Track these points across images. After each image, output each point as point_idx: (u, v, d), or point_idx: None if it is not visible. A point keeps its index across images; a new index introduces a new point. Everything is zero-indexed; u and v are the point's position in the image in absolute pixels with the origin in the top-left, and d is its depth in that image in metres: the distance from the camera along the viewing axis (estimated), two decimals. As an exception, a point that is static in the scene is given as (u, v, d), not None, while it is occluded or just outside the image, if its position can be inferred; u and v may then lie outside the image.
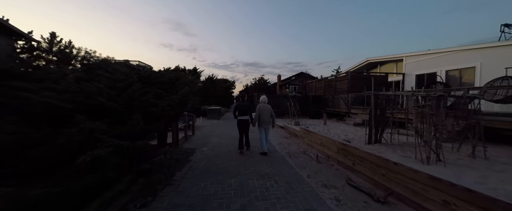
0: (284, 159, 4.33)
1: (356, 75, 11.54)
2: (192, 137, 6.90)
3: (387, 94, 5.52)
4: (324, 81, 13.78)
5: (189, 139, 6.52)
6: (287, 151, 5.01)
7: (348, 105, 10.43)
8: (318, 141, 4.76)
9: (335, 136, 6.18)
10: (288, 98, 12.91)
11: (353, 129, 7.37)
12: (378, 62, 13.89)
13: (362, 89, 10.93)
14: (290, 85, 27.85)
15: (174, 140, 5.25)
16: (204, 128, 9.20)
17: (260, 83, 33.89)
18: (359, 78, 10.96)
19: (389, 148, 4.98)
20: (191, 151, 4.91)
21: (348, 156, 3.52)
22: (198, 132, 8.12)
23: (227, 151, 4.96)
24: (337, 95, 11.93)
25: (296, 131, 6.54)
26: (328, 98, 13.38)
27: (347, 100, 10.56)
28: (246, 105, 4.74)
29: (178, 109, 3.58)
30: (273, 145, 5.62)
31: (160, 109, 2.99)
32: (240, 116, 4.64)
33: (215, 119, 13.59)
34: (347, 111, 10.54)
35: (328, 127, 8.33)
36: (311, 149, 5.09)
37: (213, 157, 4.43)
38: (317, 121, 10.84)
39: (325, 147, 4.39)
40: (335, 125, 8.93)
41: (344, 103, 10.88)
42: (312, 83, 16.77)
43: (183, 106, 3.80)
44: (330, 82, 12.86)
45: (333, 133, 6.74)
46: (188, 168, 3.70)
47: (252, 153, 4.78)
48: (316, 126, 8.59)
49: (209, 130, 8.55)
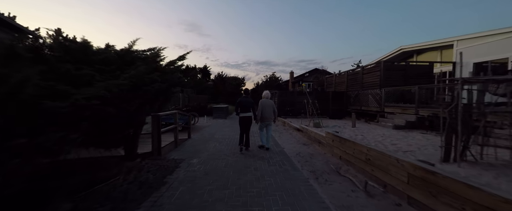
0: (309, 184, 2.74)
1: (391, 66, 9.42)
2: (186, 142, 5.54)
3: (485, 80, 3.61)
4: (347, 75, 11.75)
5: (181, 145, 5.16)
6: (310, 169, 3.40)
7: (380, 102, 8.45)
8: (361, 156, 3.09)
9: (378, 144, 4.43)
10: (304, 94, 11.16)
11: (396, 134, 5.52)
12: (414, 50, 11.54)
13: (398, 82, 8.83)
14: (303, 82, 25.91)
15: (154, 148, 3.89)
16: (205, 129, 7.86)
17: (272, 81, 32.17)
18: (395, 69, 8.87)
19: (488, 170, 3.09)
20: (174, 165, 3.50)
21: (440, 196, 1.83)
22: (197, 134, 6.77)
23: (224, 166, 3.48)
24: (364, 91, 9.94)
25: (319, 137, 4.88)
26: (351, 94, 11.39)
27: (379, 96, 8.57)
28: (249, 101, 4.37)
29: (133, 101, 2.16)
30: (289, 157, 4.04)
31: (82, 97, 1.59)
32: (242, 113, 4.35)
33: (222, 118, 12.27)
34: (378, 109, 8.56)
35: (360, 130, 6.51)
36: (349, 166, 3.42)
37: (201, 178, 2.97)
38: (340, 122, 8.99)
39: (378, 168, 2.71)
40: (367, 127, 7.06)
41: (375, 100, 8.89)
42: (331, 78, 14.74)
43: (147, 96, 2.39)
44: (356, 75, 10.85)
45: (372, 139, 4.98)
46: (152, 203, 2.26)
47: (259, 170, 3.26)
48: (343, 129, 6.82)
49: (211, 132, 7.17)
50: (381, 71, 8.54)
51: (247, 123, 4.36)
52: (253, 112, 4.40)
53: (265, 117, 4.42)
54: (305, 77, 27.33)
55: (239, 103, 4.39)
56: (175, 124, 4.92)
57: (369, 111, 9.32)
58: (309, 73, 27.93)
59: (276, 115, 4.68)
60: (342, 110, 11.49)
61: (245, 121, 4.35)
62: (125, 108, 2.00)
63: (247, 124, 4.37)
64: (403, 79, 8.55)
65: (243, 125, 4.37)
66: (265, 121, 4.44)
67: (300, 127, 6.62)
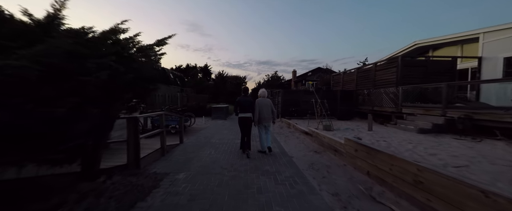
0: (337, 220, 1.89)
1: (410, 61, 8.40)
2: (177, 148, 4.72)
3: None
4: (358, 72, 10.82)
5: (170, 152, 4.34)
6: (332, 190, 2.55)
7: (396, 102, 7.55)
8: (407, 177, 2.23)
9: (413, 155, 3.55)
10: (311, 93, 10.29)
11: (425, 140, 4.63)
12: (430, 45, 10.59)
13: (417, 79, 7.88)
14: (306, 81, 25.13)
15: (130, 159, 3.07)
16: (202, 132, 7.04)
17: (274, 80, 31.30)
18: (414, 65, 7.89)
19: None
20: (152, 184, 2.68)
21: None
22: (192, 138, 5.95)
23: (217, 184, 2.65)
24: (376, 89, 9.04)
25: (335, 144, 4.03)
26: (360, 93, 10.50)
27: (395, 95, 7.67)
28: (249, 101, 4.15)
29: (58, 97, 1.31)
30: (300, 171, 3.20)
31: None
32: (241, 113, 4.15)
33: (221, 119, 11.46)
34: (394, 110, 7.67)
35: (379, 134, 5.64)
36: (383, 187, 2.57)
37: (183, 207, 2.14)
38: (351, 124, 8.12)
39: (441, 199, 1.86)
40: (386, 131, 6.18)
41: (390, 100, 7.99)
42: (338, 76, 13.81)
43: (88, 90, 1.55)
44: (367, 73, 9.92)
45: (401, 147, 4.11)
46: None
47: (264, 192, 2.42)
48: (358, 133, 5.95)
49: (207, 135, 6.35)
50: (398, 67, 7.62)
51: (248, 124, 4.15)
52: (253, 112, 4.17)
53: (264, 118, 4.15)
54: (308, 76, 26.65)
55: (238, 102, 4.17)
56: (162, 128, 4.10)
57: (382, 112, 8.42)
58: (312, 72, 27.22)
59: (276, 115, 4.39)
60: (351, 110, 10.60)
61: (244, 121, 4.13)
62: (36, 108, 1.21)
63: (247, 125, 4.15)
64: (423, 76, 7.63)
65: (243, 125, 4.16)
66: (264, 122, 4.18)
67: (309, 130, 5.77)
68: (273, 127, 8.17)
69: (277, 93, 12.69)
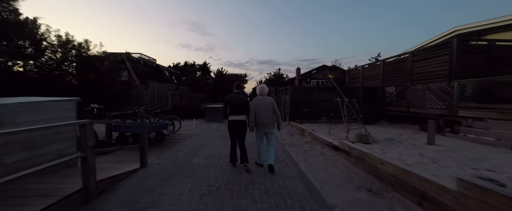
0: None
1: (470, 47, 6.15)
2: (127, 182, 2.78)
3: None
4: (384, 64, 8.78)
5: (104, 196, 2.41)
6: None
7: (450, 101, 5.57)
8: None
9: None
10: (329, 91, 8.33)
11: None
12: (474, 32, 8.58)
13: (478, 71, 5.81)
14: (311, 79, 23.24)
15: None
16: (185, 143, 5.11)
17: (277, 78, 29.33)
18: (473, 52, 5.84)
19: None
20: None
21: None
22: (165, 156, 4.01)
23: None
24: (414, 85, 7.05)
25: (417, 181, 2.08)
26: (389, 90, 8.53)
27: (447, 93, 5.68)
28: (242, 99, 3.12)
29: None
30: None
31: None
32: (232, 115, 3.10)
33: (217, 121, 9.54)
34: (445, 112, 5.69)
35: (456, 154, 3.67)
36: None
37: None
38: (384, 131, 6.17)
39: None
40: (455, 145, 4.20)
41: (437, 98, 6.01)
42: (355, 71, 11.75)
43: None
44: (400, 64, 7.89)
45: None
46: None
47: None
48: (412, 148, 3.99)
49: (191, 149, 4.41)
50: (453, 55, 5.62)
51: (240, 129, 3.11)
52: (247, 114, 3.18)
53: (263, 122, 3.11)
54: (313, 73, 24.82)
55: (228, 101, 3.13)
56: (86, 148, 2.16)
57: (425, 115, 6.43)
58: (317, 70, 25.26)
59: (280, 119, 3.22)
60: (376, 112, 8.63)
61: (235, 126, 3.10)
62: None
63: (240, 131, 3.12)
64: (487, 66, 5.64)
65: (234, 132, 3.15)
66: (263, 127, 3.12)
67: (341, 145, 3.81)
68: (281, 134, 6.22)
69: (283, 91, 10.73)
